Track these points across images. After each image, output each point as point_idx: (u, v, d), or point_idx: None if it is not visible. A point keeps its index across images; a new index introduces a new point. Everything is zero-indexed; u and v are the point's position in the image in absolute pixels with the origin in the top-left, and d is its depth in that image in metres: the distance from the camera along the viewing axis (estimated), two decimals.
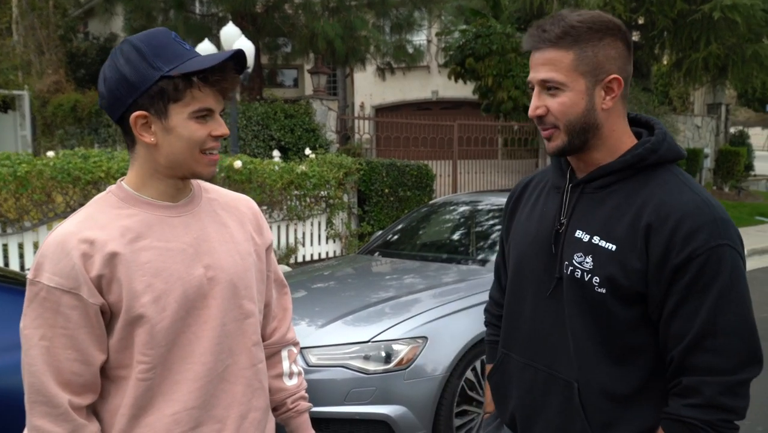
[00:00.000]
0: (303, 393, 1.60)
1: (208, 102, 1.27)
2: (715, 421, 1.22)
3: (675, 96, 21.97)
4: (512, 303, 1.51)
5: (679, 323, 1.24)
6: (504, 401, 1.54)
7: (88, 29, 19.90)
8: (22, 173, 5.56)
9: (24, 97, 15.15)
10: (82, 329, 1.22)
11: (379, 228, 8.71)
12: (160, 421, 1.27)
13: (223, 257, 1.36)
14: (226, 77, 1.27)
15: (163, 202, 1.33)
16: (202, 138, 1.27)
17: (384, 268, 4.63)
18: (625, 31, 1.32)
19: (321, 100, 12.62)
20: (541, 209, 1.46)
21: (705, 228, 1.22)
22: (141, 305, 1.24)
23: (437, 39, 17.96)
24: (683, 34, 12.26)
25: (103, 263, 1.22)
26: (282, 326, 1.59)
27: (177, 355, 1.28)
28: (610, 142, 1.34)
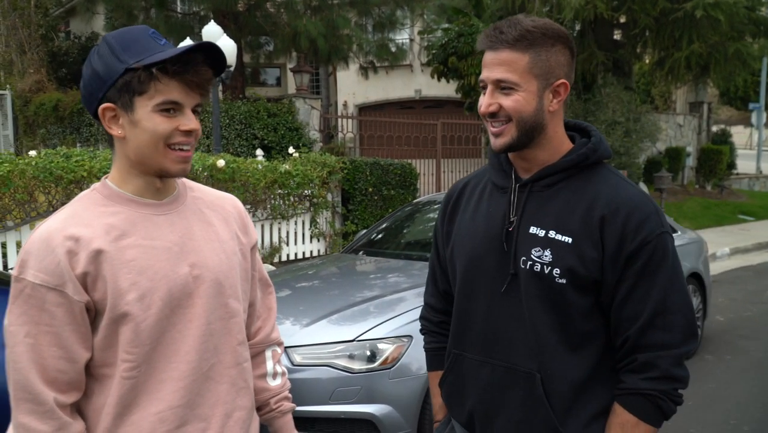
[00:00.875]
0: (286, 393, 1.60)
1: (173, 95, 1.24)
2: (670, 390, 1.35)
3: (657, 95, 22.15)
4: (463, 303, 1.53)
5: (633, 306, 1.36)
6: (459, 402, 1.56)
7: (70, 28, 19.69)
8: (4, 173, 5.51)
9: (6, 96, 14.97)
10: (67, 327, 1.22)
11: (363, 227, 8.71)
12: (145, 419, 1.27)
13: (209, 255, 1.36)
14: (188, 69, 1.24)
15: (147, 200, 1.32)
16: (166, 132, 1.25)
17: (368, 267, 4.65)
18: (572, 41, 1.42)
19: (304, 99, 12.59)
20: (487, 210, 1.50)
21: (651, 218, 1.36)
22: (126, 302, 1.23)
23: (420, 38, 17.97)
24: (665, 32, 12.36)
25: (89, 260, 1.22)
26: (266, 326, 1.59)
27: (162, 353, 1.28)
28: (553, 143, 1.43)
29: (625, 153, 13.06)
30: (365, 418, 3.09)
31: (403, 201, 9.46)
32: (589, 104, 13.49)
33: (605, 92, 13.28)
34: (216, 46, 1.28)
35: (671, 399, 1.36)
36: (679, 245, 5.41)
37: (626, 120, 13.13)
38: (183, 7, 13.51)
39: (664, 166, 15.84)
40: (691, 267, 5.46)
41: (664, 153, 16.94)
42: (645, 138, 13.73)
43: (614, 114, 13.04)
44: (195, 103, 1.29)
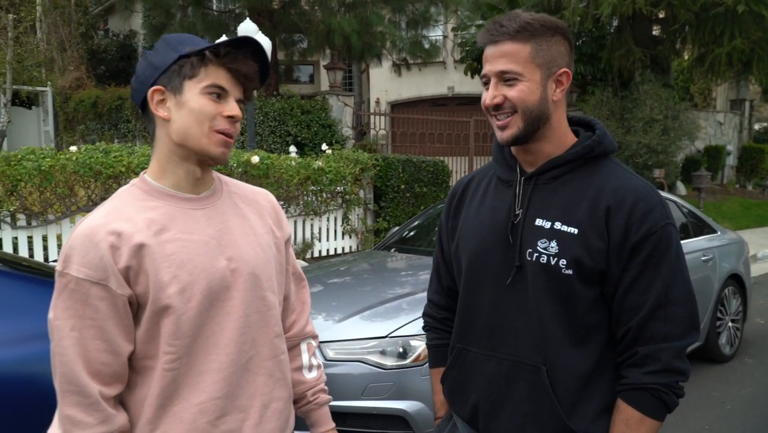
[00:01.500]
0: (323, 386, 1.61)
1: (220, 80, 1.30)
2: (671, 383, 1.35)
3: (696, 92, 21.68)
4: (467, 297, 1.53)
5: (635, 296, 1.36)
6: (463, 397, 1.55)
7: (108, 26, 20.11)
8: (46, 167, 5.65)
9: (47, 93, 15.37)
10: (111, 320, 1.25)
11: (395, 224, 8.72)
12: (187, 410, 1.29)
13: (245, 249, 1.38)
14: (238, 57, 1.30)
15: (185, 195, 1.35)
16: (211, 113, 1.29)
17: (400, 264, 4.65)
18: (570, 34, 1.44)
19: (337, 96, 12.65)
20: (492, 203, 1.51)
21: (656, 209, 1.36)
22: (167, 295, 1.26)
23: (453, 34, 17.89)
24: (706, 28, 12.07)
25: (131, 254, 1.25)
26: (301, 319, 1.61)
27: (202, 346, 1.31)
28: (557, 134, 1.45)
29: (663, 151, 12.81)
30: (397, 414, 3.10)
31: (435, 198, 9.44)
32: (626, 102, 13.27)
33: (643, 89, 13.03)
34: (260, 44, 1.35)
35: (674, 392, 1.36)
36: (718, 246, 5.30)
37: (664, 118, 12.88)
38: (219, 5, 13.68)
39: (703, 165, 15.52)
40: (731, 268, 5.34)
41: (703, 151, 16.58)
42: (683, 136, 13.45)
43: (652, 112, 12.79)
44: (239, 96, 1.34)
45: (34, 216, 5.89)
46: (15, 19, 13.20)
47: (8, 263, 2.60)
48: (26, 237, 5.92)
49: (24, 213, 5.82)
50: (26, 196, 5.76)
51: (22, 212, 5.80)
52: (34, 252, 5.96)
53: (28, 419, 2.01)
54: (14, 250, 5.82)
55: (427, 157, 9.94)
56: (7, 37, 12.67)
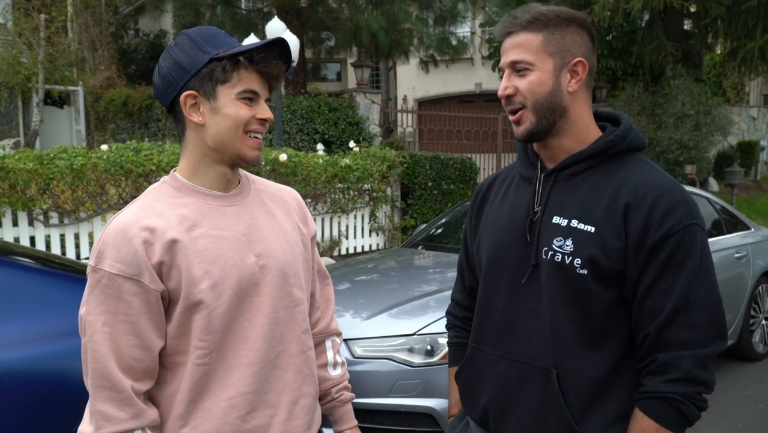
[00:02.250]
0: (346, 383, 1.62)
1: (254, 84, 1.31)
2: (692, 394, 1.27)
3: (729, 87, 21.24)
4: (485, 296, 1.51)
5: (655, 299, 1.29)
6: (474, 398, 1.53)
7: (139, 26, 20.41)
8: (78, 166, 5.74)
9: (78, 92, 15.64)
10: (143, 316, 1.25)
11: (423, 221, 8.69)
12: (217, 405, 1.30)
13: (274, 245, 1.39)
14: (270, 61, 1.31)
15: (215, 192, 1.36)
16: (246, 118, 1.31)
17: (427, 261, 4.63)
18: (590, 25, 1.39)
19: (364, 94, 12.66)
20: (512, 201, 1.48)
21: (679, 207, 1.29)
22: (199, 291, 1.27)
23: (481, 30, 17.77)
24: (738, 22, 11.81)
25: (164, 249, 1.26)
26: (326, 316, 1.61)
27: (232, 341, 1.31)
28: (578, 128, 1.39)
29: (695, 147, 12.58)
30: (425, 412, 3.09)
31: (463, 196, 9.39)
32: (657, 97, 13.05)
33: (674, 84, 12.81)
34: (286, 41, 1.34)
35: (694, 404, 1.27)
36: (752, 243, 5.18)
37: (696, 113, 12.64)
38: (247, 3, 13.78)
39: (736, 160, 15.20)
40: (765, 265, 5.23)
41: (736, 147, 16.24)
42: (716, 131, 13.19)
43: (683, 107, 12.56)
44: (267, 96, 1.36)
45: (66, 214, 6.00)
46: (47, 20, 13.46)
47: (41, 261, 2.65)
48: (59, 235, 6.03)
49: (56, 211, 5.93)
50: (58, 195, 5.86)
51: (55, 210, 5.91)
52: (66, 250, 6.07)
53: (60, 415, 2.04)
54: (47, 247, 5.94)
55: (455, 155, 9.88)
56: (40, 37, 12.93)
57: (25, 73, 13.01)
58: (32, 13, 14.02)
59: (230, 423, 1.31)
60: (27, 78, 13.09)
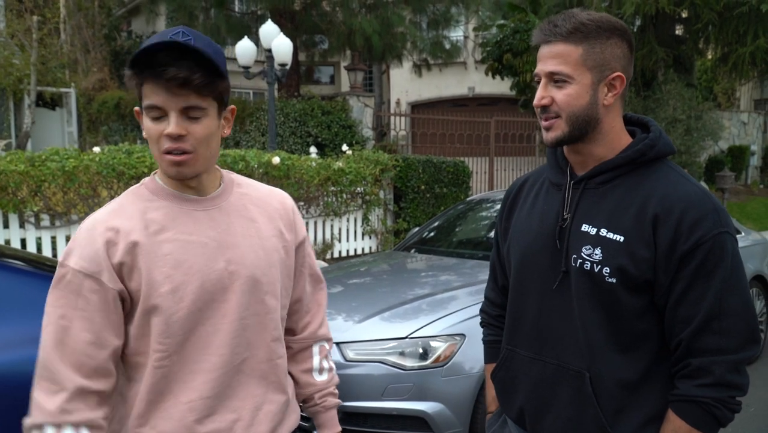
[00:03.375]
0: (332, 389, 1.61)
1: (156, 99, 1.22)
2: (725, 398, 1.30)
3: (720, 92, 21.37)
4: (516, 299, 1.54)
5: (687, 308, 1.31)
6: (511, 397, 1.56)
7: (132, 28, 20.34)
8: (70, 168, 5.72)
9: (70, 94, 15.58)
10: (100, 313, 1.26)
11: (415, 225, 8.70)
12: (176, 407, 1.31)
13: (246, 251, 1.37)
14: (152, 71, 1.19)
15: (189, 196, 1.35)
16: (154, 136, 1.25)
17: (420, 265, 4.64)
18: (630, 34, 1.38)
19: (357, 97, 12.67)
20: (542, 207, 1.49)
21: (708, 217, 1.30)
22: (158, 295, 1.27)
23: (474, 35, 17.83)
24: (729, 27, 11.89)
25: (125, 251, 1.27)
26: (314, 321, 1.60)
27: (195, 345, 1.31)
28: (609, 137, 1.40)
29: (686, 151, 12.65)
30: (417, 415, 3.09)
31: (456, 199, 9.40)
32: (649, 101, 13.12)
33: (666, 89, 12.88)
34: (177, 42, 1.20)
35: (727, 407, 1.31)
36: (742, 247, 5.21)
37: (687, 118, 12.72)
38: (241, 6, 13.77)
39: (727, 165, 15.30)
40: (755, 269, 5.26)
41: (726, 152, 16.34)
42: (707, 136, 13.27)
43: (675, 111, 12.64)
44: (183, 105, 1.23)
45: (58, 216, 5.97)
46: (39, 21, 13.40)
47: (32, 263, 2.64)
48: (50, 237, 6.01)
49: (48, 213, 5.90)
50: (50, 197, 5.84)
51: (46, 212, 5.88)
52: (57, 252, 6.04)
53: None
54: (38, 250, 5.90)
55: (448, 158, 9.91)
56: (32, 38, 12.87)
57: (17, 74, 12.94)
58: (25, 15, 13.96)
59: (188, 426, 1.31)
60: (19, 80, 13.03)
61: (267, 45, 8.76)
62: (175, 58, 1.20)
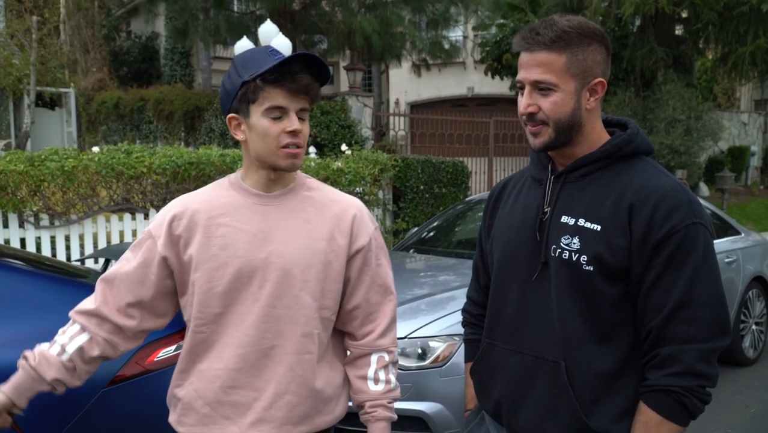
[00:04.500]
0: (385, 402, 1.62)
1: (278, 100, 1.43)
2: (694, 387, 1.32)
3: (720, 92, 21.38)
4: (497, 293, 1.57)
5: (658, 296, 1.34)
6: (488, 391, 1.58)
7: (131, 28, 20.34)
8: (69, 168, 5.72)
9: (70, 94, 15.59)
10: (142, 268, 1.53)
11: (414, 225, 8.70)
12: (208, 371, 1.51)
13: (291, 247, 1.50)
14: (285, 77, 1.42)
15: (255, 191, 1.54)
16: (275, 133, 1.45)
17: (419, 265, 4.64)
18: (607, 39, 1.44)
19: (356, 97, 12.66)
20: (524, 202, 1.55)
21: (682, 207, 1.34)
22: (203, 269, 1.48)
23: (473, 35, 17.83)
24: (729, 27, 11.89)
25: (186, 227, 1.51)
26: (376, 331, 1.63)
27: (230, 321, 1.49)
28: (591, 138, 1.45)
29: (686, 152, 12.65)
30: (416, 415, 3.09)
31: (455, 199, 9.40)
32: (649, 102, 13.12)
33: (665, 89, 12.88)
34: (311, 55, 1.45)
35: (696, 396, 1.32)
36: (742, 248, 5.22)
37: (687, 118, 12.72)
38: (240, 6, 13.76)
39: (727, 165, 15.30)
40: (755, 270, 5.26)
41: (726, 152, 16.35)
42: (706, 136, 13.27)
43: (674, 112, 12.64)
44: (300, 107, 1.47)
45: (57, 216, 5.97)
46: (39, 21, 13.40)
47: (31, 263, 2.64)
48: (49, 237, 6.00)
49: (47, 213, 5.90)
50: (49, 197, 5.83)
51: (45, 212, 5.88)
52: (56, 252, 6.04)
53: (51, 416, 2.03)
54: (37, 249, 5.90)
55: (447, 158, 9.90)
56: (32, 38, 12.87)
57: (17, 74, 12.95)
58: (24, 15, 13.96)
59: (214, 390, 1.49)
60: (18, 79, 13.03)
61: (265, 44, 8.75)
62: (301, 68, 1.44)
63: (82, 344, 1.53)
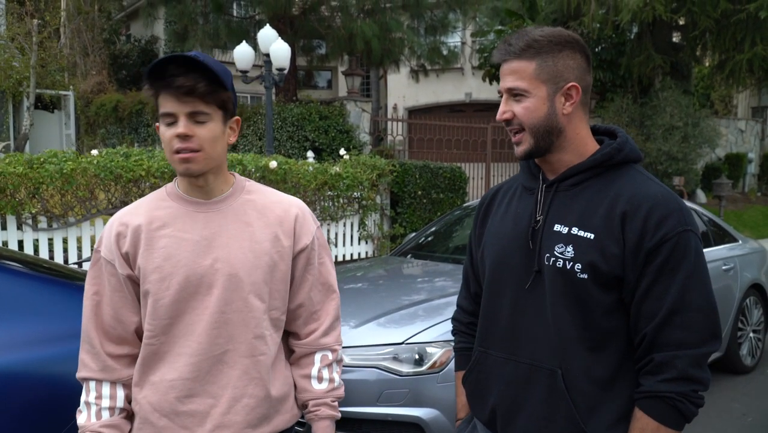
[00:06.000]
0: (329, 400, 1.64)
1: (166, 106, 1.42)
2: (688, 392, 1.34)
3: (717, 99, 21.45)
4: (490, 301, 1.58)
5: (651, 303, 1.36)
6: (482, 399, 1.58)
7: (130, 32, 20.36)
8: (67, 170, 5.71)
9: (69, 97, 15.58)
10: (117, 293, 1.52)
11: (412, 230, 8.70)
12: (161, 383, 1.50)
13: (235, 252, 1.50)
14: (160, 82, 1.41)
15: (193, 199, 1.53)
16: (167, 139, 1.44)
17: (416, 270, 4.64)
18: (583, 45, 1.47)
19: (355, 102, 12.69)
20: (515, 210, 1.56)
21: (673, 215, 1.36)
22: (149, 281, 1.48)
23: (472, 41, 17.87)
24: (726, 34, 11.94)
25: (130, 243, 1.50)
26: (320, 329, 1.64)
27: (180, 331, 1.49)
28: (575, 144, 1.47)
29: (683, 159, 12.69)
30: (413, 421, 3.09)
31: (452, 205, 9.41)
32: (646, 108, 13.16)
33: (663, 96, 12.93)
34: (183, 56, 1.40)
35: (690, 401, 1.34)
36: (739, 255, 5.23)
37: (684, 125, 12.76)
38: (240, 11, 13.79)
39: (724, 172, 15.33)
40: (752, 278, 5.27)
41: (724, 159, 16.39)
42: (704, 143, 13.31)
43: (672, 119, 12.68)
44: (190, 111, 1.42)
45: (55, 218, 5.96)
46: (39, 24, 13.41)
47: (29, 265, 2.64)
48: (47, 239, 5.99)
49: (45, 215, 5.89)
50: (48, 199, 5.83)
51: (44, 214, 5.87)
52: (54, 254, 6.03)
53: (50, 419, 2.03)
54: (35, 252, 5.89)
55: (444, 164, 9.91)
56: (32, 41, 12.88)
57: (17, 77, 12.95)
58: (25, 18, 13.97)
59: (169, 402, 1.48)
60: (18, 82, 13.04)
61: (265, 49, 8.77)
62: (183, 71, 1.40)
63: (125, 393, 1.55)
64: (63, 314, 1.50)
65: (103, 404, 1.51)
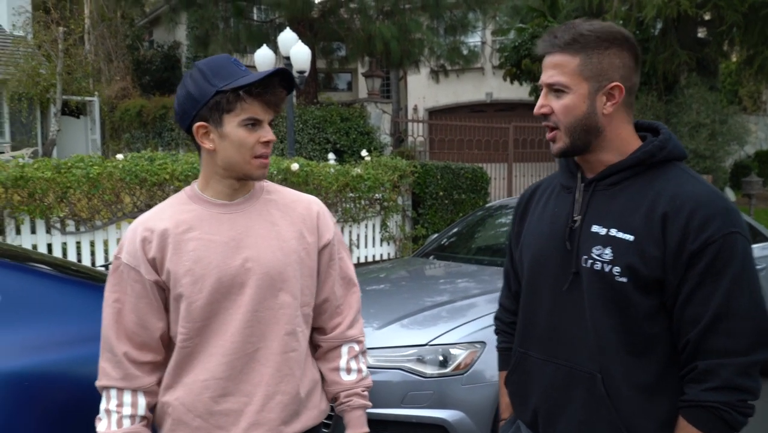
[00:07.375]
0: (359, 391, 1.67)
1: (255, 112, 1.47)
2: (734, 402, 1.27)
3: (745, 95, 21.07)
4: (528, 302, 1.55)
5: (695, 308, 1.29)
6: (524, 400, 1.56)
7: (153, 38, 20.63)
8: (94, 175, 5.80)
9: (94, 103, 15.84)
10: (143, 299, 1.51)
11: (434, 231, 8.68)
12: (195, 384, 1.51)
13: (264, 251, 1.52)
14: (268, 91, 1.47)
15: (218, 201, 1.55)
16: (251, 143, 1.47)
17: (439, 271, 4.63)
18: (633, 44, 1.40)
19: (375, 103, 12.71)
20: (553, 210, 1.51)
21: (718, 216, 1.29)
22: (181, 285, 1.48)
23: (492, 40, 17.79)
24: (755, 29, 11.73)
25: (158, 247, 1.49)
26: (344, 322, 1.68)
27: (213, 331, 1.50)
28: (616, 144, 1.41)
29: (710, 156, 12.49)
30: (437, 423, 3.07)
31: (474, 205, 9.37)
32: (672, 106, 12.99)
33: (688, 93, 12.74)
34: (288, 71, 1.51)
35: (737, 411, 1.27)
36: None
37: (711, 122, 12.55)
38: (260, 15, 13.89)
39: (754, 170, 15.06)
40: None
41: (753, 156, 16.12)
42: (732, 141, 13.09)
43: (698, 116, 12.49)
44: (271, 118, 1.52)
45: (83, 222, 6.06)
46: (65, 32, 13.65)
47: (58, 268, 2.68)
48: (75, 242, 6.08)
49: (73, 219, 5.98)
50: (75, 203, 5.92)
51: (71, 218, 5.97)
52: (82, 257, 6.12)
53: (75, 420, 2.06)
54: (63, 255, 5.98)
55: (466, 164, 9.87)
56: (58, 49, 13.11)
57: (44, 84, 13.21)
58: (51, 26, 14.23)
59: (203, 402, 1.49)
60: (45, 89, 13.30)
61: (285, 52, 8.82)
62: (279, 83, 1.49)
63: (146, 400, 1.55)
64: (92, 315, 1.52)
65: (125, 412, 1.51)
